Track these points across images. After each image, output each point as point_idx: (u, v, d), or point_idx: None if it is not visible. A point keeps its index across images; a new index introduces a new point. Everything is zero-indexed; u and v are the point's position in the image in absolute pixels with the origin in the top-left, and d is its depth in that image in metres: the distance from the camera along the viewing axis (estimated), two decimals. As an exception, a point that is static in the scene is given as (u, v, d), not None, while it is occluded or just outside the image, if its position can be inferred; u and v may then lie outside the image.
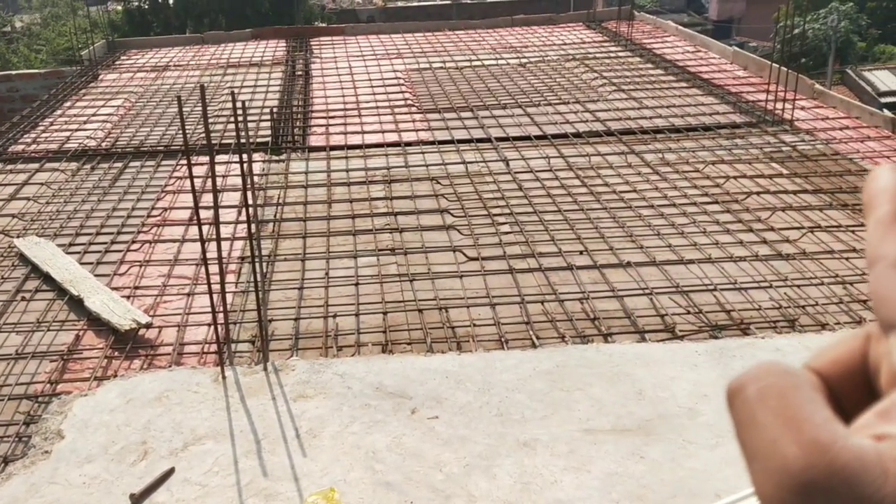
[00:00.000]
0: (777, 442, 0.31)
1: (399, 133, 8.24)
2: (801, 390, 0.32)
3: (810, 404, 0.32)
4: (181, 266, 5.53)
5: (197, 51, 12.88)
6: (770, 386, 0.33)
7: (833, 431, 0.30)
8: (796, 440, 0.30)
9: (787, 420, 0.31)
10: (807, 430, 0.30)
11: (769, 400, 0.32)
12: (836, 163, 7.05)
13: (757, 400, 0.32)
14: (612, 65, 10.80)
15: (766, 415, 0.32)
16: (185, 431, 3.71)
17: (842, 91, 23.89)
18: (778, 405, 0.32)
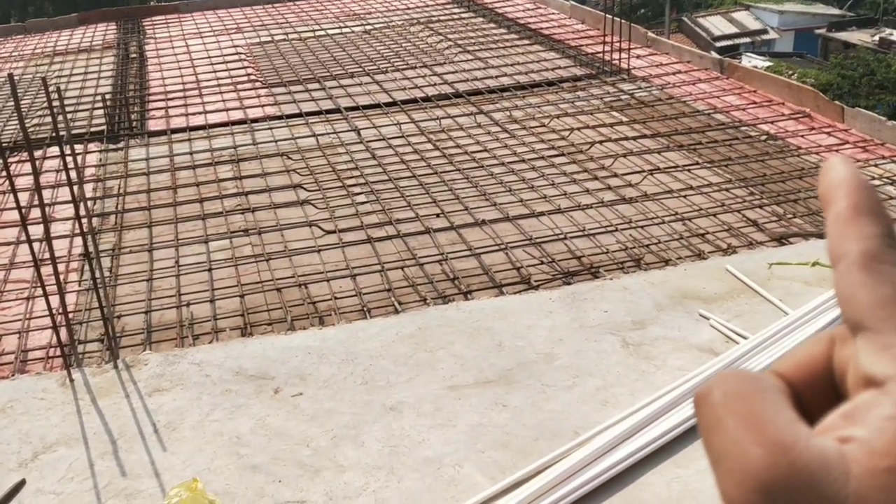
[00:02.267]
0: (740, 443, 0.31)
1: (244, 110, 8.01)
2: (764, 394, 0.33)
3: (773, 407, 0.32)
4: (18, 269, 5.20)
5: (20, 41, 12.03)
6: (734, 390, 0.33)
7: (795, 432, 0.31)
8: (758, 441, 0.30)
9: (750, 422, 0.31)
10: (769, 431, 0.31)
11: (733, 403, 0.32)
12: (671, 106, 7.39)
13: (721, 404, 0.32)
14: (457, 27, 10.86)
15: (730, 418, 0.32)
16: (33, 440, 3.51)
17: (679, 39, 25.02)
18: (741, 408, 0.32)
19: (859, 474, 0.29)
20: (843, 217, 0.35)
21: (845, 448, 0.30)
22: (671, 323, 4.05)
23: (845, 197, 0.36)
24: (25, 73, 10.00)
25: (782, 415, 0.32)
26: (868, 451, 0.30)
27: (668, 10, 30.35)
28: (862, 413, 0.31)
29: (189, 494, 2.99)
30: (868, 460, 0.29)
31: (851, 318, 0.34)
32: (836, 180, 0.36)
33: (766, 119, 6.97)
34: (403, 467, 3.26)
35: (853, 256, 0.34)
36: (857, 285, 0.34)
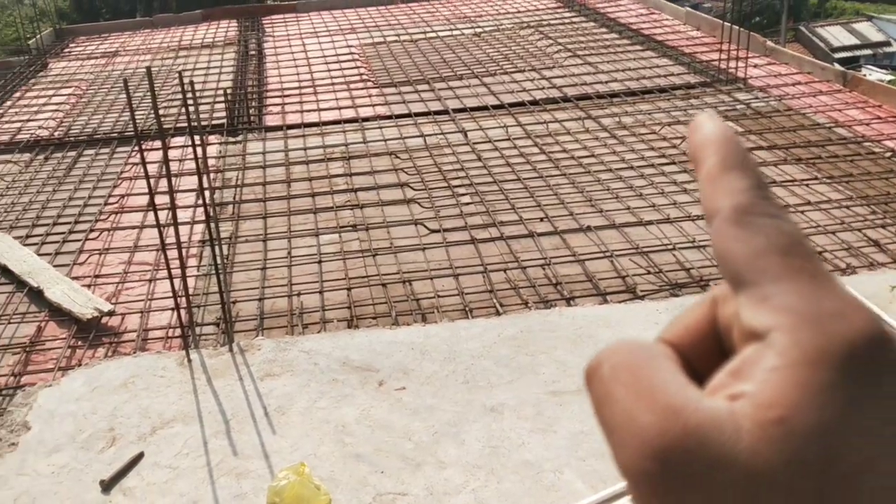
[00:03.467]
0: (631, 412, 0.30)
1: (356, 109, 8.19)
2: (653, 361, 0.33)
3: (662, 373, 0.32)
4: (141, 252, 5.48)
5: (147, 35, 12.65)
6: (622, 361, 0.32)
7: (686, 396, 0.30)
8: (649, 408, 0.30)
9: (641, 391, 0.31)
10: (659, 397, 0.30)
11: (622, 374, 0.32)
12: (790, 118, 7.15)
13: (611, 376, 0.32)
14: (567, 31, 10.81)
15: (619, 389, 0.31)
16: (152, 416, 3.71)
17: (796, 48, 24.13)
18: (631, 378, 0.32)
19: (750, 429, 0.29)
20: (713, 174, 0.35)
21: (735, 405, 0.30)
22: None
23: (713, 154, 0.35)
24: (152, 65, 10.51)
25: (672, 380, 0.31)
26: (756, 404, 0.29)
27: (785, 18, 29.30)
28: (748, 368, 0.31)
29: (296, 478, 3.10)
30: (757, 414, 0.29)
31: (729, 274, 0.33)
32: (703, 138, 0.36)
33: (892, 135, 6.66)
34: (503, 469, 3.29)
35: (725, 212, 0.33)
36: (731, 240, 0.33)
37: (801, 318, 0.30)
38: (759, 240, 0.33)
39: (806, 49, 27.68)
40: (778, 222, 0.33)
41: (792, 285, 0.31)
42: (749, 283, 0.32)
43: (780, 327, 0.30)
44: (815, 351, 0.30)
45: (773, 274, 0.32)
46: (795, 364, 0.30)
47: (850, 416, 0.29)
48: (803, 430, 0.29)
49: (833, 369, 0.29)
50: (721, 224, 0.33)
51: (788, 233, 0.33)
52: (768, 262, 0.32)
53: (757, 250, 0.32)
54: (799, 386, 0.29)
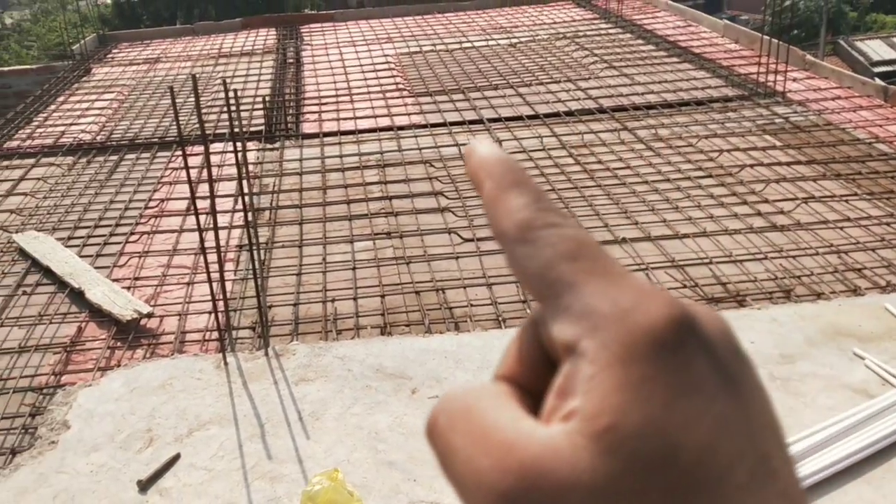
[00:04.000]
0: (471, 461, 0.29)
1: (391, 118, 8.25)
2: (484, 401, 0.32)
3: (495, 412, 0.31)
4: (180, 256, 5.56)
5: (188, 42, 12.85)
6: (457, 409, 0.32)
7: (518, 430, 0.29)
8: (486, 451, 0.29)
9: (475, 435, 0.30)
10: (493, 437, 0.29)
11: (457, 423, 0.31)
12: (829, 133, 7.07)
13: (447, 428, 0.31)
14: (603, 42, 10.79)
15: (457, 439, 0.30)
16: (189, 418, 3.76)
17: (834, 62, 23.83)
18: (466, 425, 0.31)
19: (586, 445, 0.28)
20: (492, 197, 0.34)
21: (568, 425, 0.29)
22: (823, 360, 3.89)
23: (489, 177, 0.35)
24: (192, 72, 10.67)
25: (504, 416, 0.30)
26: (586, 416, 0.29)
27: (824, 32, 28.97)
28: (570, 383, 0.30)
29: (330, 483, 3.12)
30: (589, 426, 0.28)
31: (534, 295, 0.33)
32: (478, 163, 0.36)
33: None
34: (536, 479, 3.28)
35: (510, 234, 0.33)
36: (522, 260, 0.33)
37: (602, 318, 0.30)
38: (546, 252, 0.32)
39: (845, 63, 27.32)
40: (560, 230, 0.33)
41: (586, 289, 0.31)
42: (548, 298, 0.32)
43: (585, 334, 0.30)
44: (621, 348, 0.29)
45: (566, 282, 0.31)
46: (608, 366, 0.29)
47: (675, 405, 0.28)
48: (634, 430, 0.28)
49: (644, 362, 0.29)
50: (509, 246, 0.33)
51: (572, 237, 0.33)
52: (559, 272, 0.32)
53: (546, 263, 0.32)
54: (618, 388, 0.29)
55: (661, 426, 0.28)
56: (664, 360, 0.29)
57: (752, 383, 0.31)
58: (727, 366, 0.30)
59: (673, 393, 0.29)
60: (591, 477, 0.28)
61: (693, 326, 0.30)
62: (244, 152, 4.12)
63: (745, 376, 0.31)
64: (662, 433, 0.28)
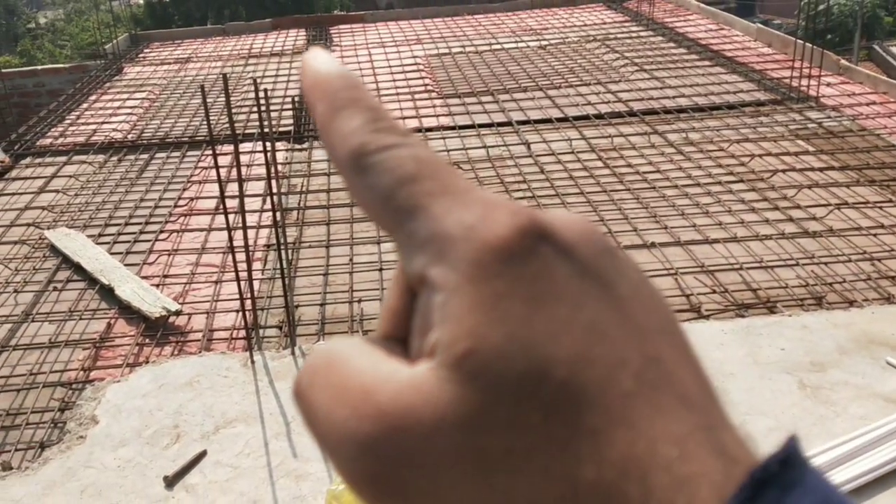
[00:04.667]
0: (330, 414, 0.27)
1: (420, 119, 8.26)
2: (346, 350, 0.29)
3: (356, 360, 0.28)
4: (209, 254, 5.60)
5: (218, 42, 12.96)
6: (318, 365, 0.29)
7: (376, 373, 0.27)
8: (344, 401, 0.27)
9: (335, 388, 0.27)
10: (352, 385, 0.27)
11: (317, 378, 0.28)
12: (863, 139, 6.97)
13: (308, 387, 0.28)
14: (634, 45, 10.72)
15: (317, 395, 0.28)
16: (216, 415, 3.78)
17: (869, 67, 23.50)
18: (325, 380, 0.28)
19: (447, 375, 0.25)
20: (325, 121, 0.31)
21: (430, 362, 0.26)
22: (855, 368, 3.82)
23: (321, 98, 0.31)
24: (222, 71, 10.76)
25: (365, 364, 0.27)
26: (444, 346, 0.26)
27: (858, 36, 28.58)
28: (426, 316, 0.27)
29: (355, 483, 3.12)
30: (448, 357, 0.26)
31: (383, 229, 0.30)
32: (312, 80, 0.32)
33: (973, 158, 6.43)
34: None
35: (345, 163, 0.30)
36: (360, 190, 0.29)
37: (446, 240, 0.27)
38: (384, 178, 0.29)
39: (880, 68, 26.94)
40: (396, 152, 0.29)
41: (429, 212, 0.28)
42: (393, 229, 0.29)
43: (431, 261, 0.27)
44: (469, 266, 0.26)
45: (407, 208, 0.28)
46: (458, 288, 0.26)
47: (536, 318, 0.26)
48: (495, 351, 0.25)
49: (495, 277, 0.26)
50: (347, 177, 0.30)
51: (410, 157, 0.29)
52: (400, 199, 0.28)
53: (385, 191, 0.29)
54: (471, 308, 0.26)
55: (524, 343, 0.25)
56: (516, 272, 0.26)
57: (632, 285, 0.28)
58: (594, 269, 0.27)
59: (532, 306, 0.26)
60: (456, 409, 0.25)
61: (544, 232, 0.27)
62: (273, 152, 4.14)
63: (621, 278, 0.28)
64: (527, 350, 0.25)
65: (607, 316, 0.26)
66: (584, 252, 0.27)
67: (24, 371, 4.30)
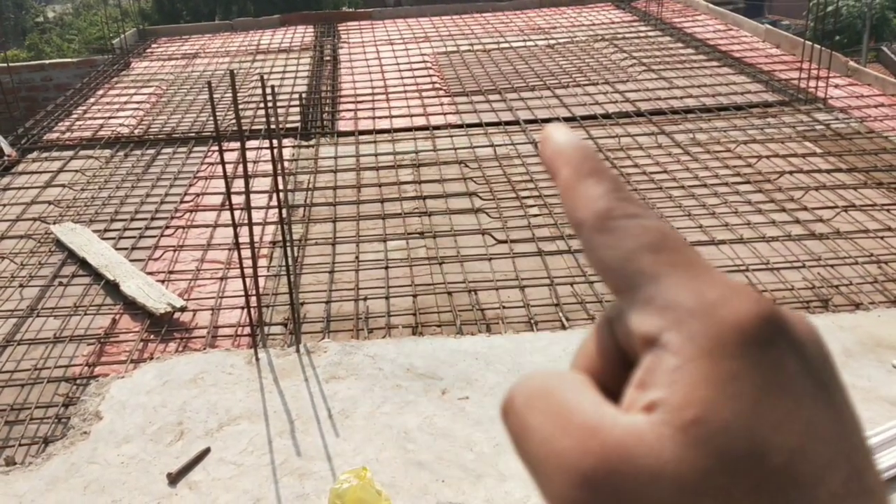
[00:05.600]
0: (550, 440, 0.29)
1: (427, 117, 8.24)
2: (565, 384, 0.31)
3: (577, 395, 0.30)
4: (214, 251, 5.60)
5: (226, 38, 12.96)
6: (536, 390, 0.31)
7: (601, 414, 0.29)
8: (566, 432, 0.29)
9: (556, 416, 0.29)
10: (575, 419, 0.29)
11: (536, 402, 0.30)
12: (871, 141, 6.94)
13: (525, 406, 0.30)
14: (642, 45, 10.69)
15: (535, 418, 0.30)
16: (220, 412, 3.77)
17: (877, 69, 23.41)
18: (545, 405, 0.30)
19: (671, 435, 0.27)
20: (568, 185, 0.34)
21: (652, 416, 0.28)
22: (860, 371, 3.80)
23: (566, 164, 0.34)
24: (230, 67, 10.76)
25: (586, 400, 0.30)
26: (670, 408, 0.28)
27: (867, 38, 28.46)
28: (651, 376, 0.29)
29: (358, 482, 3.12)
30: (674, 418, 0.27)
31: (610, 285, 0.32)
32: (554, 150, 0.35)
33: (982, 161, 6.40)
34: (565, 485, 3.25)
35: (589, 223, 0.32)
36: (600, 249, 0.32)
37: (687, 311, 0.29)
38: (627, 242, 0.32)
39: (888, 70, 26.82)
40: (641, 221, 0.32)
41: (670, 280, 0.30)
42: (629, 290, 0.31)
43: (669, 326, 0.29)
44: (709, 342, 0.28)
45: (650, 273, 0.31)
46: (694, 359, 0.28)
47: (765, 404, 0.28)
48: (722, 425, 0.27)
49: (733, 357, 0.28)
50: (587, 235, 0.33)
51: (654, 228, 0.32)
52: (641, 263, 0.31)
53: (627, 254, 0.31)
54: (705, 381, 0.28)
55: (750, 424, 0.27)
56: (754, 357, 0.28)
57: (842, 392, 0.30)
58: (818, 371, 0.29)
59: (763, 392, 0.28)
60: (676, 468, 0.27)
61: (783, 326, 0.29)
62: (280, 149, 4.14)
63: (836, 386, 0.30)
64: (751, 431, 0.27)
65: (824, 418, 0.28)
66: (812, 352, 0.30)
67: (28, 366, 4.31)
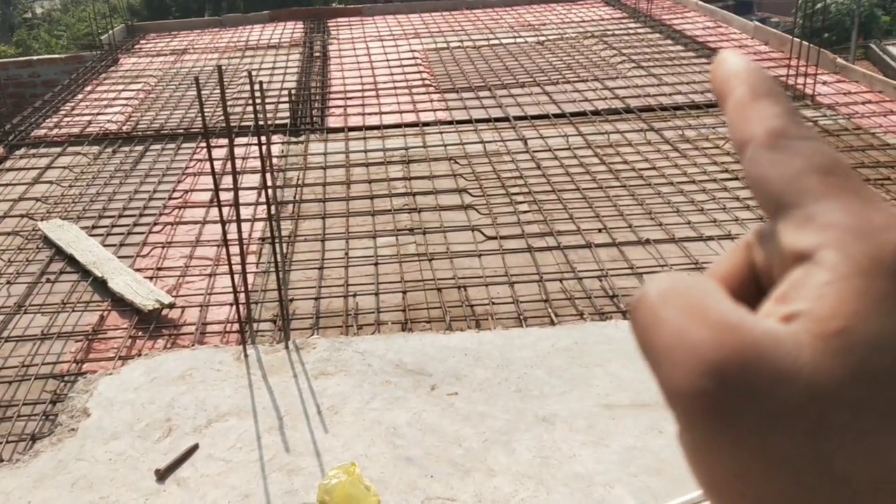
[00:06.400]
0: (683, 331, 0.29)
1: (417, 113, 8.24)
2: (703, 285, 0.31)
3: (715, 296, 0.30)
4: (203, 247, 5.59)
5: (215, 34, 12.92)
6: (671, 286, 0.31)
7: (740, 314, 0.29)
8: (703, 324, 0.28)
9: (693, 310, 0.29)
10: (713, 314, 0.29)
11: (672, 298, 0.30)
12: (859, 137, 6.97)
13: (659, 300, 0.30)
14: (632, 41, 10.71)
15: (669, 311, 0.30)
16: (208, 408, 3.77)
17: (865, 66, 23.52)
18: (681, 301, 0.30)
19: (811, 342, 0.27)
20: (743, 103, 0.34)
21: (792, 325, 0.28)
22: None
23: (742, 84, 0.34)
24: (218, 64, 10.73)
25: (724, 302, 0.29)
26: (814, 318, 0.28)
27: (856, 35, 28.59)
28: (796, 290, 0.29)
29: (347, 478, 3.12)
30: (817, 327, 0.27)
31: (768, 201, 0.32)
32: (729, 71, 0.35)
33: (968, 158, 6.44)
34: (553, 480, 3.26)
35: (759, 138, 0.32)
36: (768, 165, 0.32)
37: (850, 232, 0.29)
38: (798, 161, 0.31)
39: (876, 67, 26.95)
40: (815, 143, 0.32)
41: (836, 202, 0.30)
42: (790, 206, 0.31)
43: (828, 244, 0.29)
44: (868, 261, 0.28)
45: (816, 193, 0.31)
46: (850, 276, 0.28)
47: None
48: (869, 339, 0.27)
49: (891, 277, 0.28)
50: (756, 150, 0.32)
51: (827, 153, 0.32)
52: (809, 183, 0.31)
53: (796, 172, 0.31)
54: (857, 296, 0.28)
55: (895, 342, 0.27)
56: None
57: None
58: None
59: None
60: (813, 375, 0.27)
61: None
62: (269, 145, 4.13)
63: None
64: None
65: None
66: None
67: (15, 363, 4.29)
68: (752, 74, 0.35)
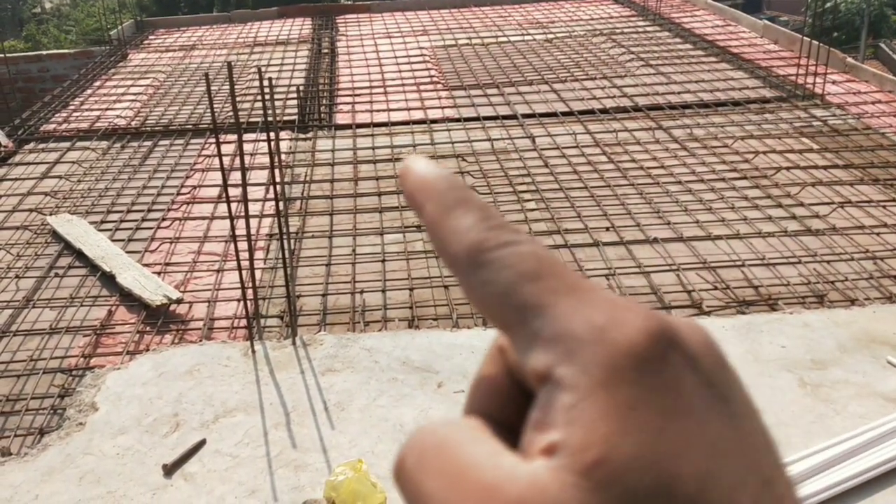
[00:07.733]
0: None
1: (425, 111, 8.23)
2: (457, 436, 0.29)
3: (470, 447, 0.28)
4: (211, 243, 5.60)
5: (224, 30, 12.93)
6: (427, 447, 0.29)
7: (497, 468, 0.27)
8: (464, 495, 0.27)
9: (451, 476, 0.27)
10: (471, 477, 0.27)
11: (428, 462, 0.28)
12: (868, 137, 6.95)
13: (417, 469, 0.28)
14: (640, 39, 10.68)
15: (429, 482, 0.28)
16: (215, 404, 3.78)
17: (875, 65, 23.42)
18: (438, 464, 0.28)
19: (575, 482, 0.25)
20: (435, 220, 0.31)
21: (552, 461, 0.26)
22: (855, 367, 3.82)
23: (429, 198, 0.32)
24: (227, 59, 10.74)
25: (480, 453, 0.28)
26: (571, 451, 0.26)
27: (865, 35, 28.46)
28: (548, 415, 0.27)
29: (353, 474, 3.12)
30: (575, 462, 0.26)
31: (495, 322, 0.30)
32: (415, 183, 0.33)
33: (978, 159, 6.41)
34: (559, 478, 3.26)
35: (462, 260, 0.30)
36: (479, 287, 0.30)
37: (576, 341, 0.27)
38: (504, 274, 0.29)
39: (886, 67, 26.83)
40: (516, 248, 0.30)
41: (554, 311, 0.28)
42: (514, 325, 0.29)
43: (560, 359, 0.27)
44: (602, 371, 0.27)
45: (532, 305, 0.29)
46: (591, 392, 0.26)
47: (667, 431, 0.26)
48: (626, 463, 0.25)
49: (629, 384, 0.26)
50: (461, 272, 0.30)
51: (531, 254, 0.30)
52: (522, 295, 0.29)
53: (506, 288, 0.29)
54: (603, 415, 0.26)
55: (654, 456, 0.26)
56: (649, 381, 0.26)
57: (743, 400, 0.28)
58: (716, 382, 0.28)
59: (663, 418, 0.26)
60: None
61: (674, 340, 0.28)
62: (277, 141, 4.14)
63: (735, 392, 0.28)
64: (657, 464, 0.25)
65: (727, 434, 0.27)
66: (707, 363, 0.28)
67: (24, 357, 4.31)
68: (437, 184, 0.32)
